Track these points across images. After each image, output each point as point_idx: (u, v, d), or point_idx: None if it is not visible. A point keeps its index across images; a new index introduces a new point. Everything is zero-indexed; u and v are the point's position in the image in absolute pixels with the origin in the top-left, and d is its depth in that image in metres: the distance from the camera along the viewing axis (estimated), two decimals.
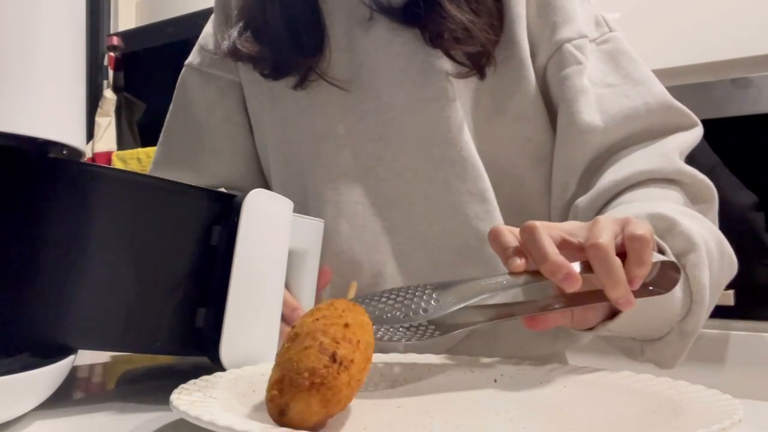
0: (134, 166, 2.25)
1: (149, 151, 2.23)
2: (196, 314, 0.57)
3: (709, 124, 0.75)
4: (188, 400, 0.45)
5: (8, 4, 0.44)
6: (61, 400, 0.55)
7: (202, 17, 0.94)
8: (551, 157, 0.76)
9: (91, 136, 2.42)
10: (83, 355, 0.67)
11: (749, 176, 1.44)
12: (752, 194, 1.44)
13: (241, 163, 0.88)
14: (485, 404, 0.51)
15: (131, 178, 0.55)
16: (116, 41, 2.49)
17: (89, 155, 2.40)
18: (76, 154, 0.53)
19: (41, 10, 0.46)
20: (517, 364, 0.59)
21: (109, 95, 2.47)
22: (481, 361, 0.60)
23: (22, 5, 0.45)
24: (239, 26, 0.80)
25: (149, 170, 0.91)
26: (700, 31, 1.52)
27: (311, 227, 0.70)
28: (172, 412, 0.44)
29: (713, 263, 0.62)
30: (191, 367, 0.71)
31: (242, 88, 0.86)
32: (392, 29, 0.75)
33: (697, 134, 0.73)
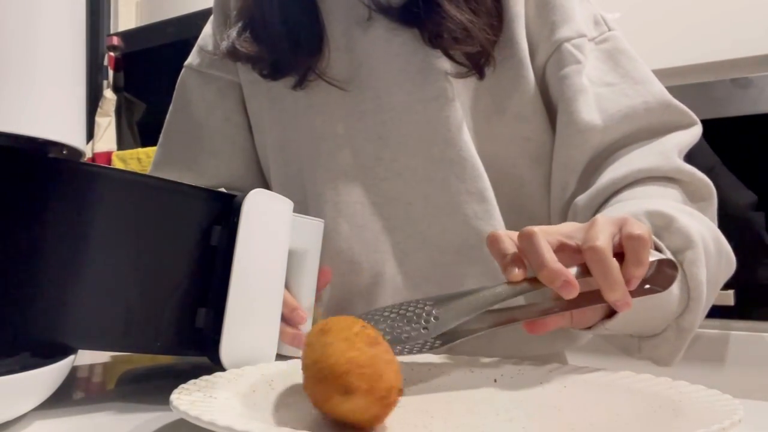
0: (134, 166, 2.25)
1: (149, 151, 2.23)
2: (196, 314, 0.57)
3: (709, 124, 0.75)
4: (188, 400, 0.45)
5: (8, 4, 0.44)
6: (61, 400, 0.55)
7: (201, 17, 0.94)
8: (551, 156, 0.76)
9: (91, 136, 2.42)
10: (83, 355, 0.67)
11: (749, 176, 1.44)
12: (752, 193, 1.44)
13: (240, 163, 0.88)
14: (485, 404, 0.51)
15: (131, 178, 0.55)
16: (116, 41, 2.49)
17: (89, 155, 2.40)
18: (76, 154, 0.53)
19: (41, 10, 0.46)
20: (517, 364, 0.59)
21: (109, 95, 2.47)
22: (481, 361, 0.60)
23: (22, 5, 0.45)
24: (238, 26, 0.80)
25: (149, 171, 0.91)
26: (700, 31, 1.52)
27: (311, 227, 0.70)
28: (172, 412, 0.44)
29: (711, 260, 0.62)
30: (191, 367, 0.71)
31: (241, 88, 0.86)
32: (391, 29, 0.75)
33: (696, 133, 0.73)
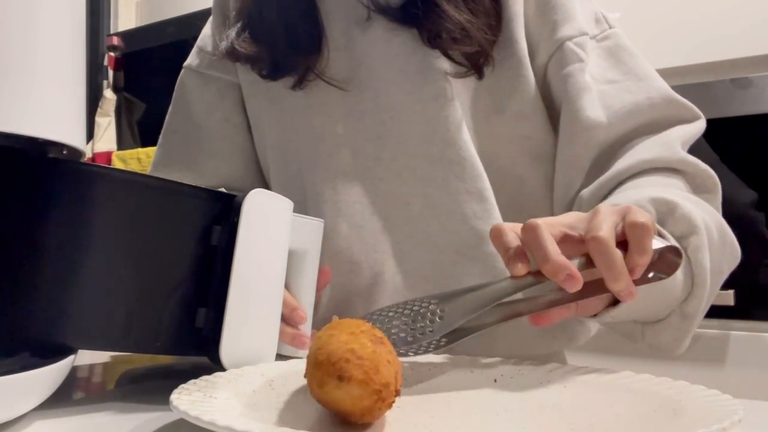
0: (134, 166, 2.25)
1: (149, 151, 2.23)
2: (196, 314, 0.57)
3: (709, 124, 0.75)
4: (188, 400, 0.45)
5: (8, 4, 0.44)
6: (61, 400, 0.54)
7: (201, 17, 0.94)
8: (551, 155, 0.76)
9: (91, 136, 2.42)
10: (83, 355, 0.67)
11: (749, 177, 1.44)
12: (753, 192, 1.43)
13: (240, 163, 0.88)
14: (485, 404, 0.51)
15: (131, 178, 0.55)
16: (116, 41, 2.49)
17: (89, 155, 2.40)
18: (76, 154, 0.53)
19: (41, 10, 0.46)
20: (517, 364, 0.59)
21: (109, 95, 2.47)
22: (481, 361, 0.60)
23: (22, 5, 0.45)
24: (237, 27, 0.80)
25: (149, 171, 0.91)
26: (700, 31, 1.52)
27: (311, 227, 0.70)
28: (172, 412, 0.44)
29: (714, 247, 0.62)
30: (191, 367, 0.71)
31: (241, 89, 0.86)
32: (390, 29, 0.75)
33: (700, 126, 0.73)
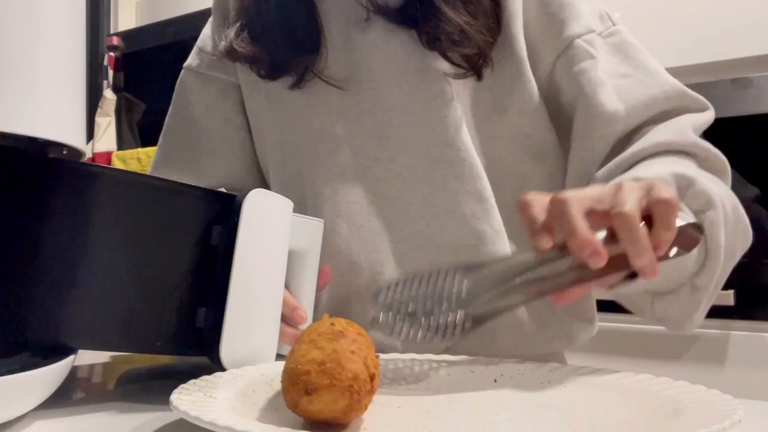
0: (134, 166, 2.24)
1: (149, 151, 2.23)
2: (196, 314, 0.57)
3: None
4: (188, 400, 0.45)
5: (8, 4, 0.44)
6: (61, 400, 0.54)
7: (201, 18, 0.94)
8: (552, 152, 0.77)
9: (91, 136, 2.42)
10: (83, 355, 0.67)
11: (749, 177, 1.44)
12: (755, 188, 1.44)
13: (240, 164, 0.88)
14: (485, 404, 0.51)
15: (131, 178, 0.56)
16: (116, 41, 2.49)
17: (89, 155, 2.40)
18: (76, 154, 0.53)
19: (41, 10, 0.46)
20: (517, 364, 0.59)
21: (109, 95, 2.47)
22: (481, 361, 0.60)
23: (22, 5, 0.45)
24: (236, 27, 0.80)
25: (149, 171, 0.91)
26: (700, 31, 1.52)
27: (311, 227, 0.70)
28: (172, 412, 0.44)
29: (729, 224, 0.62)
30: (191, 367, 0.71)
31: (240, 89, 0.86)
32: (389, 30, 0.75)
33: (710, 116, 0.74)
